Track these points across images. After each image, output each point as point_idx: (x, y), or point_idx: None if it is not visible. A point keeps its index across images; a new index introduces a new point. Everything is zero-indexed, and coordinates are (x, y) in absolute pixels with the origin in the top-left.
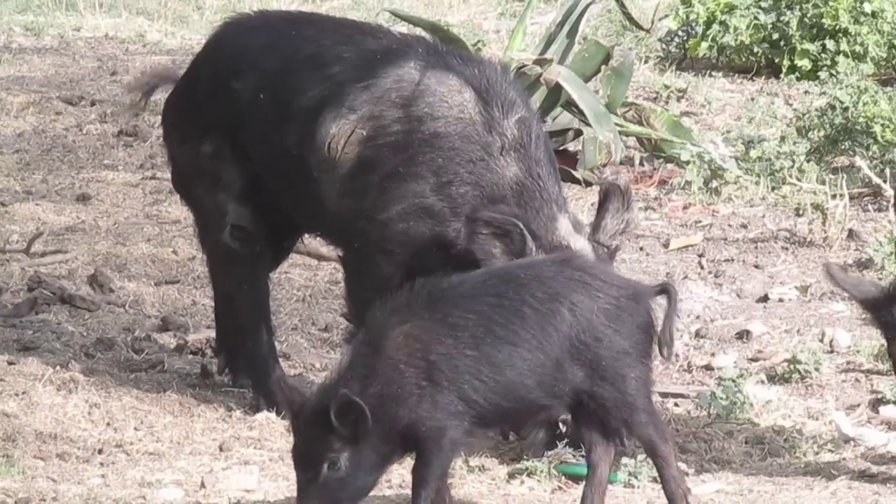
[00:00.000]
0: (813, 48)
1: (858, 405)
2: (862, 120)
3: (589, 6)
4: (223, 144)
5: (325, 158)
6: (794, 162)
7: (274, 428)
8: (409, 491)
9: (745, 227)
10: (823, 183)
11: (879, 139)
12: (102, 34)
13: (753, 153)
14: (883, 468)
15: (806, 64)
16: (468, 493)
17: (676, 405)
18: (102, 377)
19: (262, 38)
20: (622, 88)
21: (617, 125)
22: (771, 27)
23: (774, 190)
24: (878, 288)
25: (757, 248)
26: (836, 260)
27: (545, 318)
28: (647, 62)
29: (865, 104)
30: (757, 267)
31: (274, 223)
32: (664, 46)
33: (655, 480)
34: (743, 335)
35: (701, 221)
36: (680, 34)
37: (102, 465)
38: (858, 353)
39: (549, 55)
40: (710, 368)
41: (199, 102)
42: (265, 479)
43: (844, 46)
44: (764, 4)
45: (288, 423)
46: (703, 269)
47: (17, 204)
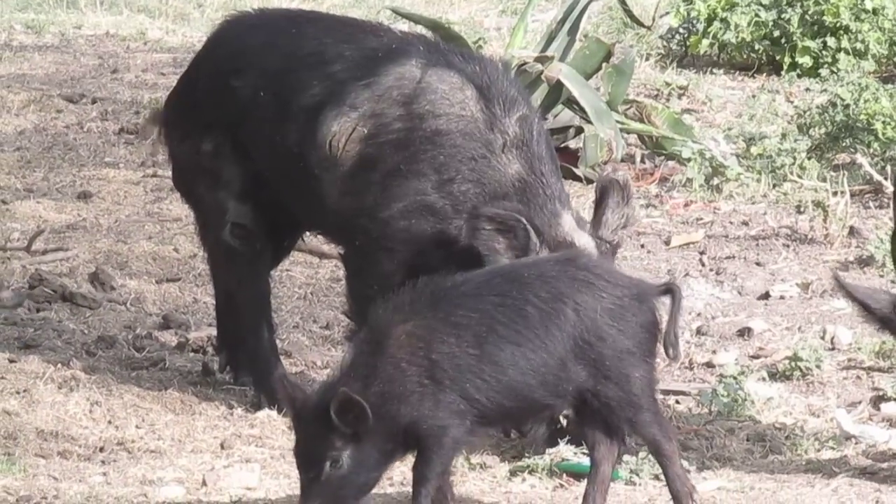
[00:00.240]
0: (814, 45)
1: (860, 402)
2: (863, 117)
3: (590, 3)
4: (223, 142)
5: (326, 156)
6: (795, 159)
7: (275, 426)
8: (410, 489)
9: (746, 224)
10: (824, 180)
11: (880, 136)
12: (103, 32)
13: (754, 150)
14: (884, 465)
15: (807, 61)
16: (469, 490)
17: (678, 402)
18: (103, 375)
19: (262, 36)
20: (623, 86)
21: (618, 122)
22: (772, 24)
23: (775, 187)
24: (891, 297)
25: (758, 245)
26: (836, 257)
27: (549, 317)
28: (648, 59)
29: (866, 101)
30: (758, 264)
31: (275, 221)
32: (665, 44)
33: (657, 478)
34: (744, 332)
35: (702, 219)
36: (681, 31)
37: (104, 463)
38: (860, 350)
39: (550, 52)
40: (711, 366)
41: (199, 100)
42: (266, 476)
43: (845, 43)
44: (765, 1)
45: (289, 421)
46: (704, 266)
47: (18, 202)
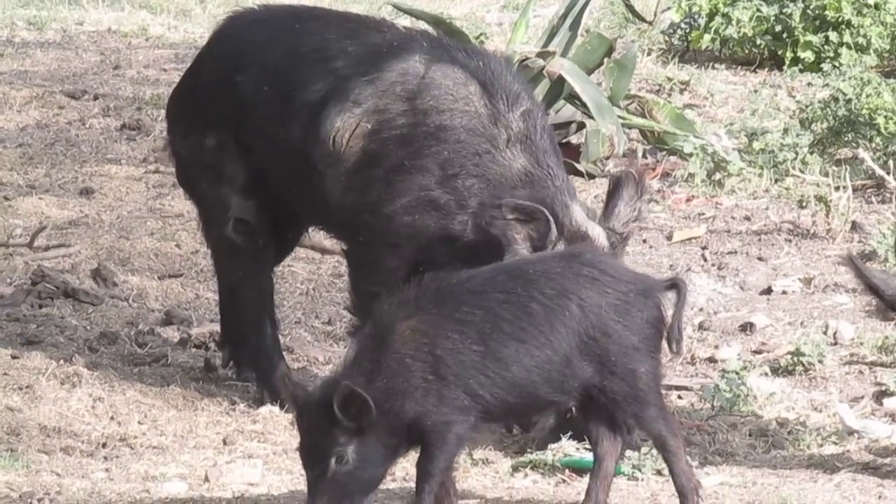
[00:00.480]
0: (816, 40)
1: (862, 397)
2: (865, 112)
3: None
4: (227, 138)
5: (329, 152)
6: (797, 154)
7: (278, 421)
8: (412, 484)
9: (748, 219)
10: (827, 175)
11: (882, 131)
12: (105, 28)
13: (756, 145)
14: (887, 460)
15: (809, 56)
16: (472, 486)
17: (680, 398)
18: (106, 371)
19: (265, 32)
20: (625, 81)
21: (620, 118)
22: (774, 19)
23: (777, 182)
24: None
25: (760, 240)
26: (839, 252)
27: (554, 314)
28: (649, 54)
29: (868, 96)
30: (760, 259)
31: (277, 217)
32: (667, 39)
33: (659, 473)
34: (746, 327)
35: (704, 214)
36: (682, 26)
37: (106, 459)
38: (862, 345)
39: (551, 48)
40: (713, 361)
41: (202, 96)
42: (269, 472)
43: (847, 38)
44: None
45: (292, 418)
46: (706, 261)
47: (20, 198)
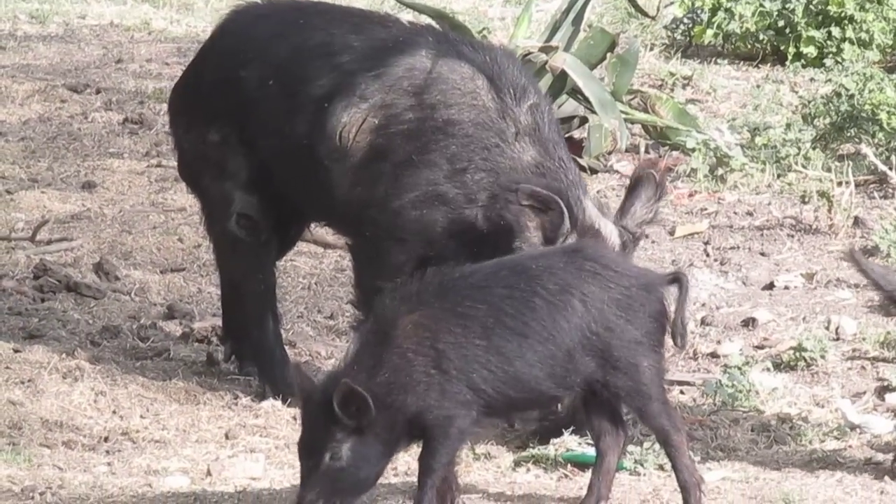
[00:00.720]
0: (818, 35)
1: (864, 393)
2: (868, 107)
3: None
4: (230, 133)
5: (336, 147)
6: (799, 149)
7: (280, 416)
8: (414, 479)
9: (750, 214)
10: (829, 170)
11: (885, 126)
12: (107, 22)
13: (759, 140)
14: (888, 456)
15: (811, 51)
16: (474, 480)
17: (682, 393)
18: (108, 365)
19: (269, 26)
20: (627, 76)
21: (622, 112)
22: (776, 14)
23: (780, 177)
24: None
25: (762, 235)
26: (841, 247)
27: (556, 309)
28: (652, 49)
29: (871, 91)
30: (763, 254)
31: (280, 212)
32: (669, 34)
33: (661, 468)
34: (748, 323)
35: (706, 209)
36: (685, 21)
37: (108, 453)
38: (864, 340)
39: (554, 42)
40: (715, 356)
41: (206, 91)
42: (271, 466)
43: (850, 33)
44: None
45: (295, 412)
46: (708, 256)
47: (22, 192)
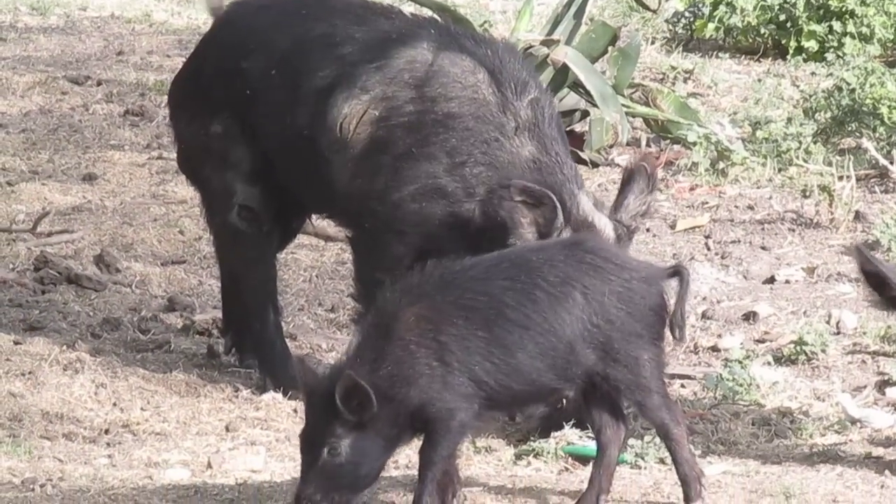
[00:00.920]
0: (820, 29)
1: (865, 387)
2: (869, 101)
3: None
4: (232, 124)
5: (336, 139)
6: (800, 143)
7: (280, 408)
8: (415, 472)
9: (751, 208)
10: (830, 164)
11: (886, 121)
12: (108, 13)
13: (760, 134)
14: (889, 450)
15: (813, 45)
16: (475, 473)
17: (683, 386)
18: (109, 357)
19: (271, 17)
20: (629, 69)
21: (624, 106)
22: (778, 8)
23: (781, 171)
24: None
25: (763, 229)
26: (842, 241)
27: (557, 301)
28: (653, 43)
29: (872, 86)
30: (763, 248)
31: (282, 204)
32: (671, 27)
33: (662, 462)
34: (749, 316)
35: (707, 203)
36: (687, 15)
37: (109, 445)
38: (865, 334)
39: (555, 36)
40: (716, 350)
41: (207, 82)
42: (271, 459)
43: (851, 28)
44: None
45: (296, 405)
46: (709, 250)
47: (23, 184)
